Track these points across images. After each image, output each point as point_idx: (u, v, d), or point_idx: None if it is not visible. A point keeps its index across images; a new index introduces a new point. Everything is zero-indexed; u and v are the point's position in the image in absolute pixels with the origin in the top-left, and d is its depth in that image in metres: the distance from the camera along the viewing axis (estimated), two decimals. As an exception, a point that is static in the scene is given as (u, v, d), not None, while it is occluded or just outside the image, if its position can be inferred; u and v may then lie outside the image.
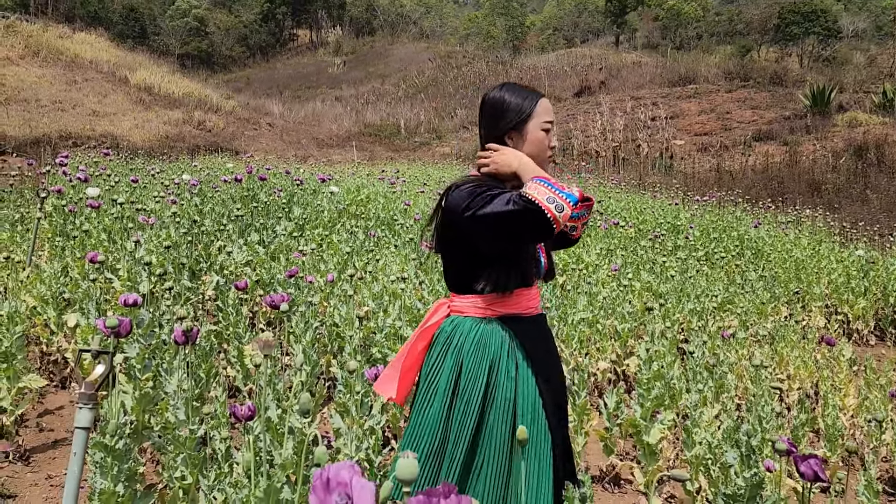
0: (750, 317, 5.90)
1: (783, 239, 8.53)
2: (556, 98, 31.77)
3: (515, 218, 1.68)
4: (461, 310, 1.90)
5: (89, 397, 1.55)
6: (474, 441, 1.80)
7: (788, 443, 2.21)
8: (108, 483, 1.66)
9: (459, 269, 1.89)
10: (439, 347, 1.89)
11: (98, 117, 24.49)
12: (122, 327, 1.99)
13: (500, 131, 1.90)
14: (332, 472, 0.87)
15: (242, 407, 1.81)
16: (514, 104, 1.90)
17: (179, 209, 6.63)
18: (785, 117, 21.61)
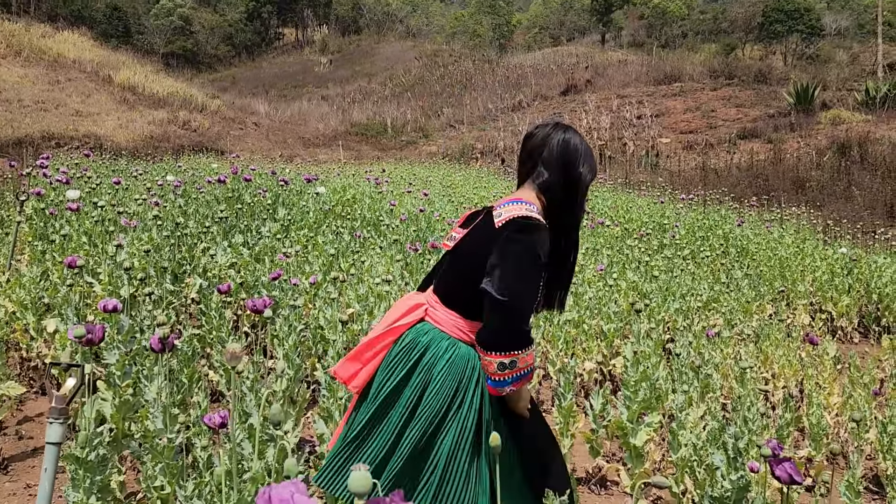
0: (735, 315, 5.92)
1: (768, 237, 8.57)
2: (543, 97, 31.86)
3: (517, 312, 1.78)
4: (440, 322, 1.89)
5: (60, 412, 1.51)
6: (420, 458, 1.81)
7: (776, 447, 2.21)
8: (80, 496, 1.62)
9: (461, 288, 1.88)
10: (408, 356, 1.86)
11: (81, 117, 24.27)
12: (94, 335, 1.95)
13: (573, 178, 1.93)
14: (273, 492, 0.86)
15: (215, 415, 1.77)
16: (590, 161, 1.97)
17: (162, 211, 6.56)
18: (769, 115, 21.76)
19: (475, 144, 24.52)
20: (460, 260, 1.92)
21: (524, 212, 1.85)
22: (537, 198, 1.93)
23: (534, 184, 1.95)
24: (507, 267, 1.78)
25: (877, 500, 3.77)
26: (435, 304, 1.92)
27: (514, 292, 1.76)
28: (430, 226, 7.61)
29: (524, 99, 31.97)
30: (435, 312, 1.91)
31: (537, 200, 1.93)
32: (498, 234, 1.82)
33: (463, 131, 28.38)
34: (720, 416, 3.42)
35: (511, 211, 1.85)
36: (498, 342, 1.76)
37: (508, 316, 1.77)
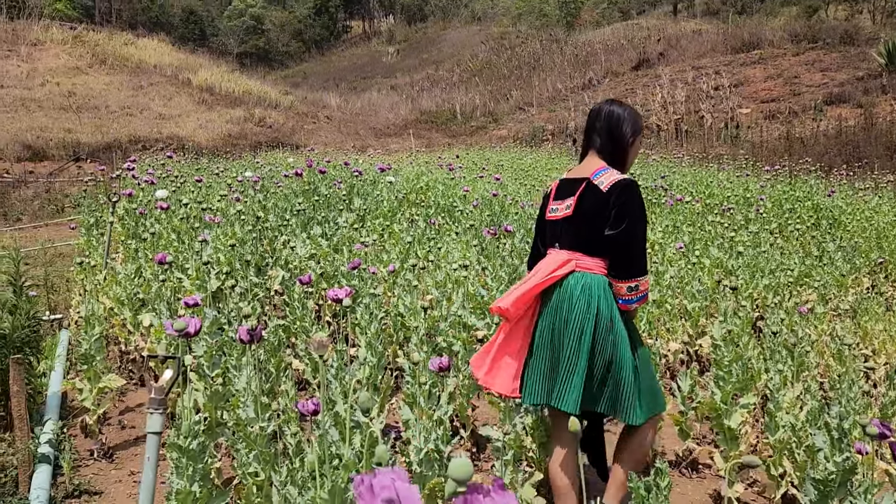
0: (829, 290, 5.64)
1: (862, 206, 8.11)
2: (614, 73, 31.09)
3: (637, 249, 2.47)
4: (590, 267, 2.49)
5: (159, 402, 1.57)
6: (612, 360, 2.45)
7: (882, 426, 2.08)
8: (184, 483, 1.69)
9: (593, 236, 2.47)
10: (581, 295, 2.45)
11: (164, 120, 25.26)
12: (191, 328, 2.01)
13: (624, 138, 2.54)
14: (376, 479, 0.86)
15: (308, 402, 1.80)
16: (635, 120, 2.58)
17: (243, 206, 6.76)
18: (858, 78, 20.55)
19: (545, 126, 24.19)
20: (581, 221, 2.50)
21: (617, 175, 2.46)
22: (604, 161, 2.53)
23: (594, 150, 2.57)
24: (627, 217, 2.41)
25: None
26: (580, 257, 2.51)
27: (635, 235, 2.43)
28: (503, 210, 7.57)
29: (594, 77, 31.27)
30: (583, 262, 2.50)
31: (605, 164, 2.52)
32: (607, 196, 2.43)
33: (532, 113, 28.04)
34: (819, 396, 3.26)
35: (609, 177, 2.46)
36: (628, 272, 2.43)
37: (633, 253, 2.44)
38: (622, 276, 2.44)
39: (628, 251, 2.44)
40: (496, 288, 4.62)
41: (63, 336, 4.30)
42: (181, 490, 1.68)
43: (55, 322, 4.80)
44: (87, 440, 3.26)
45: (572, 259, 2.52)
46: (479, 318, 4.26)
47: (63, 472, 2.90)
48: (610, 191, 2.43)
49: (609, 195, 2.43)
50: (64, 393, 3.68)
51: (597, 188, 2.46)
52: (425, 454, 2.47)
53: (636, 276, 2.44)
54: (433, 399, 2.86)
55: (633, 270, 2.44)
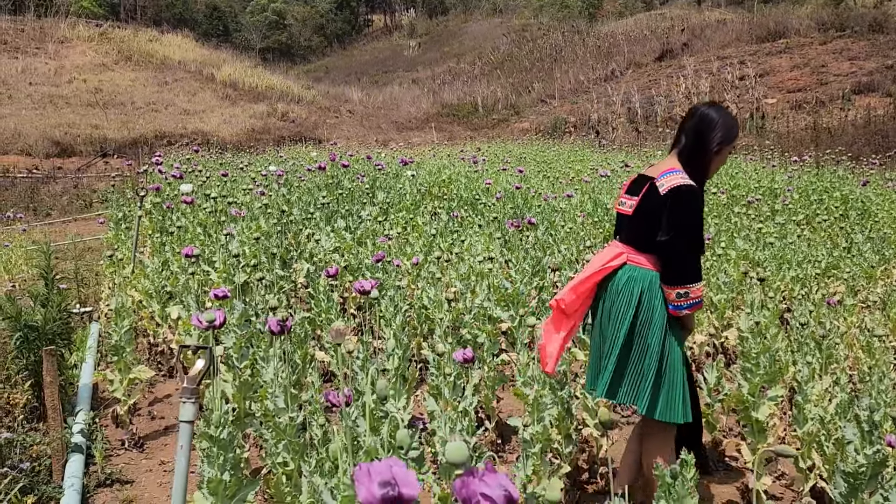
0: (858, 282, 5.55)
1: (892, 197, 7.97)
2: (637, 64, 30.80)
3: (690, 257, 2.49)
4: (641, 262, 2.54)
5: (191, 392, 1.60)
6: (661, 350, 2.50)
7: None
8: (215, 472, 1.71)
9: (648, 235, 2.51)
10: (631, 288, 2.52)
11: (189, 115, 25.51)
12: (217, 320, 2.04)
13: (710, 144, 2.52)
14: (372, 467, 0.87)
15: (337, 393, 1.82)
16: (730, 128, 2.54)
17: (268, 200, 6.82)
18: (887, 66, 20.14)
19: (567, 118, 24.04)
20: (640, 220, 2.55)
21: (679, 180, 2.47)
22: (679, 163, 2.53)
23: (676, 150, 2.57)
24: (679, 224, 2.44)
25: None
26: (632, 252, 2.57)
27: (685, 242, 2.45)
28: (526, 202, 7.55)
29: (617, 68, 31.00)
30: (634, 256, 2.56)
31: (680, 166, 2.53)
32: (664, 199, 2.46)
33: (555, 105, 27.88)
34: (848, 389, 3.22)
35: (671, 181, 2.47)
36: (677, 278, 2.45)
37: (682, 260, 2.46)
38: (669, 281, 2.47)
39: (676, 258, 2.46)
40: (520, 280, 4.61)
41: (93, 328, 4.37)
42: (212, 479, 1.70)
43: (85, 315, 4.88)
44: (118, 430, 3.32)
45: (625, 252, 2.59)
46: (503, 310, 4.27)
47: (95, 462, 2.96)
48: (667, 195, 2.46)
49: (665, 199, 2.46)
50: (95, 384, 3.75)
51: (656, 190, 2.50)
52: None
53: (684, 283, 2.45)
54: (458, 390, 2.87)
55: (680, 277, 2.45)
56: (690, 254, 2.49)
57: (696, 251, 2.51)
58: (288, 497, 2.03)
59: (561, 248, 5.73)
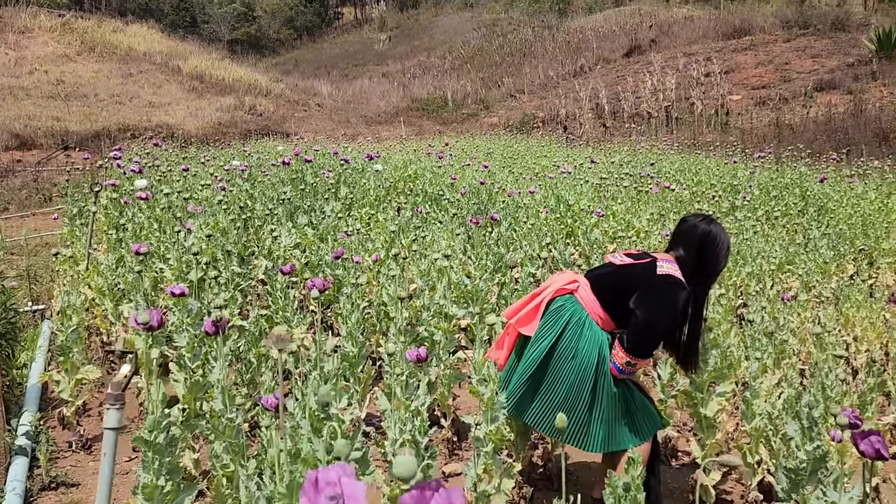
0: (812, 277, 5.66)
1: (849, 193, 8.14)
2: (605, 60, 31.00)
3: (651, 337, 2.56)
4: (584, 300, 2.61)
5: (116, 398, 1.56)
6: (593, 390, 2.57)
7: (852, 416, 2.10)
8: (150, 476, 1.68)
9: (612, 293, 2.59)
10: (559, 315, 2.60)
11: (154, 108, 25.07)
12: (153, 321, 2.00)
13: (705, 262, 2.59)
14: (321, 474, 0.86)
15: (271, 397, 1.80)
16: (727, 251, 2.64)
17: (229, 195, 6.73)
18: (848, 64, 20.55)
19: (536, 113, 24.13)
20: (622, 277, 2.61)
21: (676, 273, 2.54)
22: (679, 266, 2.58)
23: (674, 255, 2.62)
24: (655, 305, 2.51)
25: (972, 468, 3.56)
26: (586, 287, 2.64)
27: (653, 323, 2.51)
28: (491, 198, 7.55)
29: (586, 63, 31.16)
30: (583, 292, 2.63)
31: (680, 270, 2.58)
32: (655, 279, 2.52)
33: (524, 101, 27.95)
34: (797, 384, 3.28)
35: (669, 269, 2.55)
36: (632, 349, 2.51)
37: (645, 336, 2.52)
38: (627, 348, 2.53)
39: (641, 332, 2.52)
40: (479, 277, 4.62)
41: (45, 327, 4.28)
42: (147, 484, 1.68)
43: (37, 313, 4.78)
44: (66, 432, 3.26)
45: (580, 285, 2.66)
46: (461, 307, 4.27)
47: (40, 465, 2.89)
48: (661, 276, 2.53)
49: (657, 279, 2.53)
50: (45, 384, 3.67)
51: (655, 266, 2.56)
52: (400, 445, 2.47)
53: (637, 356, 2.52)
54: (410, 389, 2.86)
55: (637, 351, 2.52)
56: (656, 336, 2.56)
57: (660, 339, 2.62)
58: (228, 500, 2.00)
59: (523, 244, 5.76)
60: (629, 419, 2.57)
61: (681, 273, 2.55)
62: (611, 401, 2.55)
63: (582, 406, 2.55)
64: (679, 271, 2.55)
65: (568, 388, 2.56)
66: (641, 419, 2.60)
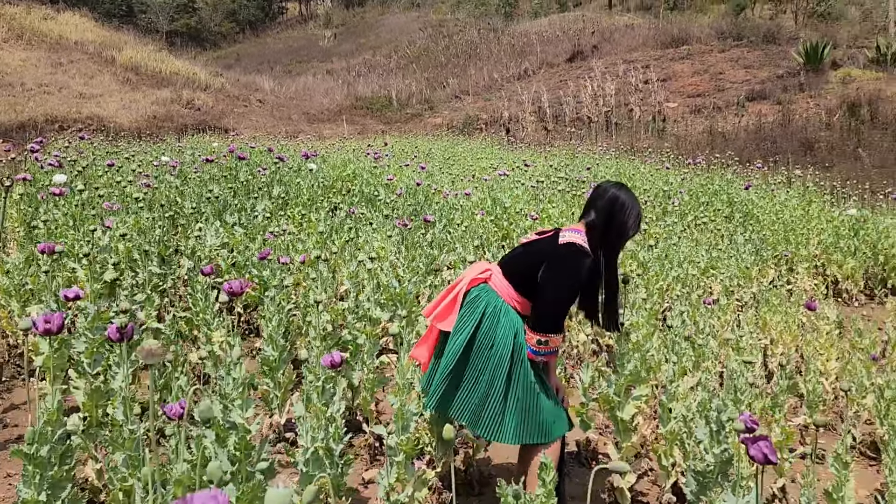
0: (735, 281, 5.82)
1: (773, 200, 8.42)
2: (549, 64, 31.37)
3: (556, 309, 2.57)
4: (497, 287, 2.65)
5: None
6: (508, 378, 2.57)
7: (749, 420, 2.14)
8: (31, 492, 1.59)
9: (520, 272, 2.63)
10: (475, 306, 2.62)
11: (85, 99, 24.17)
12: (52, 324, 1.90)
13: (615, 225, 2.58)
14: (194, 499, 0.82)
15: (175, 406, 1.73)
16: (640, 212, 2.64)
17: (155, 192, 6.51)
18: (778, 76, 21.33)
19: (480, 115, 24.24)
20: (528, 255, 2.67)
21: (579, 241, 2.56)
22: (587, 233, 2.59)
23: (585, 222, 2.63)
24: (558, 275, 2.54)
25: (873, 466, 3.71)
26: (498, 273, 2.68)
27: (557, 294, 2.54)
28: (427, 199, 7.53)
29: (530, 67, 31.48)
30: (496, 279, 2.67)
31: (586, 235, 2.59)
32: (557, 249, 2.56)
33: (468, 102, 28.05)
34: (711, 387, 3.35)
35: (572, 237, 2.57)
36: (539, 325, 2.53)
37: (550, 309, 2.54)
38: (533, 326, 2.55)
39: (545, 305, 2.55)
40: (409, 279, 4.58)
41: (-53, 329, 4.05)
42: (28, 500, 1.58)
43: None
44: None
45: (492, 272, 2.70)
46: (390, 310, 4.22)
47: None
48: (563, 246, 2.56)
49: (559, 248, 2.56)
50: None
51: (557, 237, 2.60)
52: (312, 453, 2.41)
53: (546, 331, 2.53)
54: (327, 395, 2.81)
55: (544, 325, 2.54)
56: (559, 308, 2.56)
57: (565, 309, 2.60)
58: (122, 515, 1.92)
59: (456, 246, 5.75)
60: (541, 416, 2.57)
61: (589, 239, 2.58)
62: (525, 391, 2.55)
63: (497, 394, 2.56)
64: (585, 238, 2.58)
65: (488, 377, 2.57)
66: (552, 419, 2.60)
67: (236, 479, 1.94)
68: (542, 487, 2.24)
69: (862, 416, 3.82)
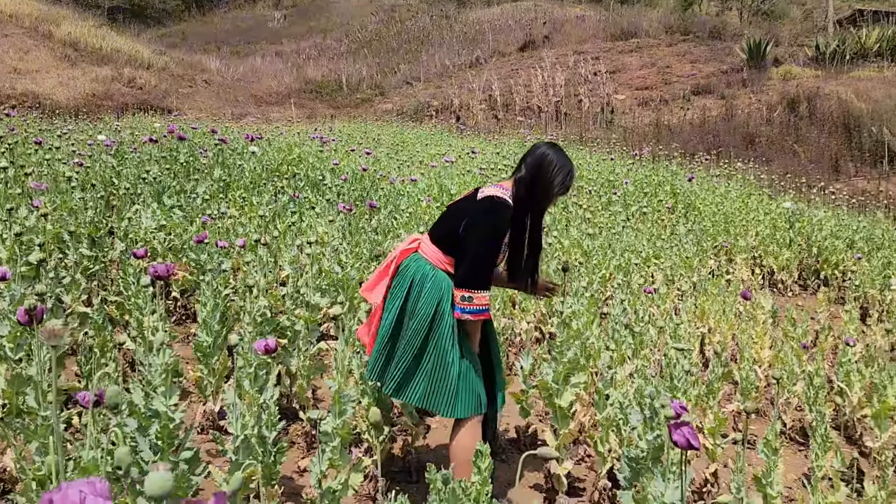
0: (676, 271, 5.93)
1: (714, 192, 8.60)
2: (501, 53, 31.41)
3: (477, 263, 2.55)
4: (426, 253, 2.65)
5: None
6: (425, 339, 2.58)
7: (678, 407, 2.16)
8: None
9: (445, 233, 2.64)
10: (405, 276, 2.63)
11: (20, 75, 23.18)
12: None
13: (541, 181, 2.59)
14: (57, 495, 0.76)
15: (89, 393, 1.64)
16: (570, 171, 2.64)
17: (91, 172, 6.28)
18: (723, 71, 21.79)
19: (431, 102, 24.14)
20: (450, 215, 2.69)
21: (499, 193, 2.59)
22: (513, 187, 2.61)
23: (515, 178, 2.64)
24: (476, 229, 2.55)
25: (802, 451, 3.82)
26: (426, 240, 2.69)
27: (477, 248, 2.53)
28: (374, 185, 7.44)
29: (482, 55, 31.47)
30: (425, 246, 2.68)
31: (513, 189, 2.61)
32: (476, 204, 2.60)
33: (420, 88, 27.90)
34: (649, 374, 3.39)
35: (491, 191, 2.61)
36: (463, 281, 2.53)
37: (473, 264, 2.53)
38: (457, 282, 2.55)
39: (467, 260, 2.54)
40: (352, 265, 4.52)
41: None
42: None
43: None
44: None
45: (420, 241, 2.72)
46: (332, 296, 4.15)
47: None
48: (481, 200, 2.59)
49: (479, 203, 2.59)
50: None
51: (476, 194, 2.64)
52: (242, 441, 2.35)
53: (469, 287, 2.52)
54: (259, 382, 2.74)
55: (466, 280, 2.53)
56: (481, 262, 2.55)
57: (488, 263, 2.58)
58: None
59: (401, 232, 5.69)
60: (450, 383, 2.55)
61: (515, 193, 2.59)
62: (438, 356, 2.55)
63: (412, 353, 2.58)
64: (508, 193, 2.59)
65: (416, 344, 2.59)
66: (464, 395, 2.58)
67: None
68: (477, 475, 2.23)
69: (792, 402, 3.92)
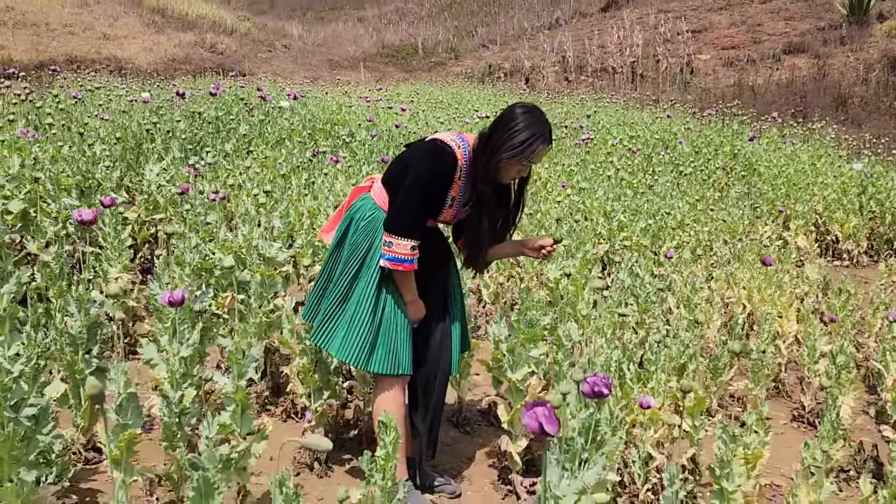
0: (717, 236, 5.41)
1: (780, 154, 7.87)
2: (581, 14, 30.26)
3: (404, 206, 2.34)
4: (374, 194, 2.48)
5: None
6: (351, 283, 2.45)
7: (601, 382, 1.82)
8: None
9: (392, 174, 2.46)
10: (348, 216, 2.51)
11: (107, 40, 24.07)
12: None
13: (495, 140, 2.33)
14: None
15: None
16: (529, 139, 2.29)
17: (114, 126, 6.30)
18: (819, 28, 20.14)
19: (502, 64, 23.53)
20: (401, 158, 2.53)
21: (447, 138, 2.39)
22: (477, 139, 2.40)
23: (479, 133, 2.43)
24: (412, 172, 2.37)
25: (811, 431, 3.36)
26: (378, 182, 2.53)
27: (406, 190, 2.34)
28: (406, 140, 7.19)
29: (562, 16, 30.41)
30: (375, 186, 2.52)
31: (472, 144, 2.40)
32: (421, 146, 2.46)
33: (494, 51, 27.26)
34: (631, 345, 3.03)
35: (441, 136, 2.42)
36: (387, 224, 2.34)
37: (399, 207, 2.35)
38: (384, 224, 2.38)
39: (394, 201, 2.39)
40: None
41: None
42: None
43: None
44: None
45: (374, 180, 2.59)
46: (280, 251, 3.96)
47: None
48: (427, 142, 2.44)
49: (423, 144, 2.45)
50: None
51: (426, 139, 2.51)
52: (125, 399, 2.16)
53: (391, 231, 2.33)
54: (180, 336, 2.55)
55: (389, 224, 2.34)
56: (406, 206, 2.34)
57: (415, 208, 2.35)
58: None
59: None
60: (365, 335, 2.39)
61: (475, 147, 2.39)
62: (360, 302, 2.40)
63: (337, 298, 2.46)
64: (457, 138, 2.40)
65: (341, 288, 2.47)
66: (381, 351, 2.40)
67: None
68: (382, 449, 1.98)
69: (814, 382, 3.45)
